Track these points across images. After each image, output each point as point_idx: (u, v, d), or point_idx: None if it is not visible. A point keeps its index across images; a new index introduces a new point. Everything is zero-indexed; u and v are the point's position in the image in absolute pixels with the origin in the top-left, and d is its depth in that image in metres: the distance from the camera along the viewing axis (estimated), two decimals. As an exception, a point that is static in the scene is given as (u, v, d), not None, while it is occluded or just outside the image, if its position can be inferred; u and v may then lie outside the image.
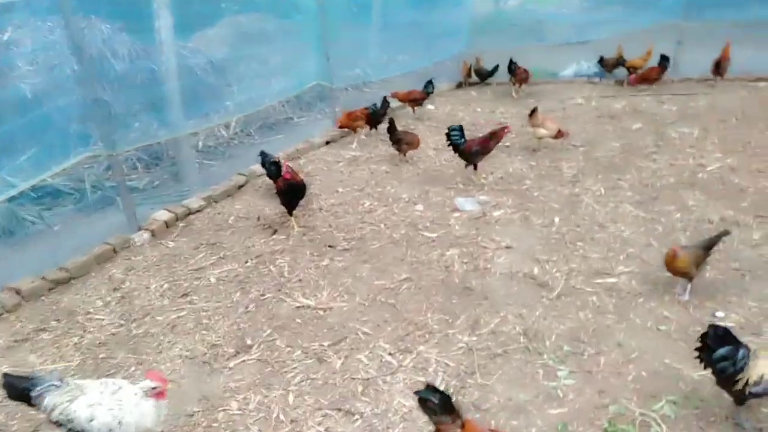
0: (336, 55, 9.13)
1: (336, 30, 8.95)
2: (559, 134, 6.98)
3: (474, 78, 10.85)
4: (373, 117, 7.92)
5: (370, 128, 8.06)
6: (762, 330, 3.73)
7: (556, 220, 5.38)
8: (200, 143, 7.92)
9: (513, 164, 6.86)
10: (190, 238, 5.50)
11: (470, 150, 6.20)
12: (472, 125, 8.48)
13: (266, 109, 8.66)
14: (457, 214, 5.64)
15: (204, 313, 4.34)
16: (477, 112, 9.15)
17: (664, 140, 7.29)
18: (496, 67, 10.32)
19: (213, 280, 4.78)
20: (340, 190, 6.42)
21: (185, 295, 4.59)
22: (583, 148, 7.23)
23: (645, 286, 4.27)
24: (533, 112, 7.06)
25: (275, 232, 5.52)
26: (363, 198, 6.16)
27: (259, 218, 5.82)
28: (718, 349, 2.86)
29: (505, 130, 6.29)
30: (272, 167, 5.56)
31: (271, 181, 5.87)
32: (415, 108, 8.97)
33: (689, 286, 4.06)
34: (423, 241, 5.18)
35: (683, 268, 3.94)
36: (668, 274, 4.12)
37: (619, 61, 10.20)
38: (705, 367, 2.99)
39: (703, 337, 2.95)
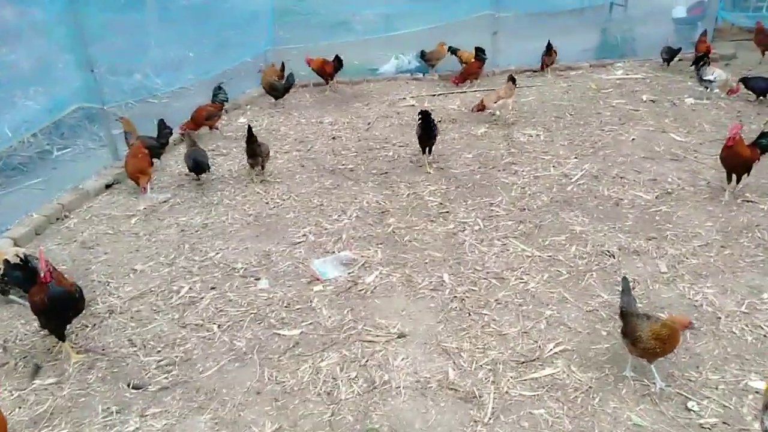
0: (106, 61, 6.84)
1: (99, 25, 6.65)
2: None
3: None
4: (151, 150, 5.86)
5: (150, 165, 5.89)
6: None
7: (446, 277, 4.20)
8: None
9: (366, 195, 5.54)
10: None
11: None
12: (300, 143, 6.97)
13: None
14: (318, 288, 4.13)
15: None
16: (302, 124, 7.62)
17: (515, 146, 6.62)
18: (291, 78, 8.25)
19: None
20: (139, 268, 4.45)
21: None
22: (437, 165, 6.21)
23: (590, 373, 3.29)
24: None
25: (37, 371, 3.41)
26: (177, 278, 4.31)
27: (4, 349, 3.61)
28: None
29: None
30: (15, 272, 3.39)
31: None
32: (214, 126, 7.07)
33: (653, 368, 3.15)
34: (281, 347, 3.59)
35: (648, 349, 3.02)
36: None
37: (452, 50, 9.43)
38: None
39: None
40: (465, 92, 8.79)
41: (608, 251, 4.44)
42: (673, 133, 6.82)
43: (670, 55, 9.68)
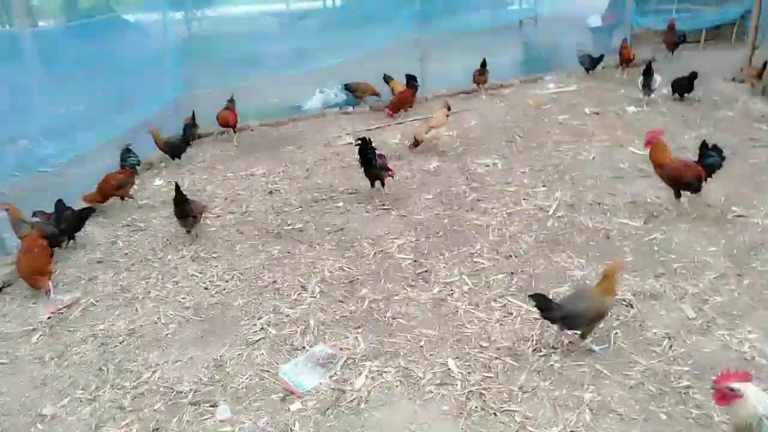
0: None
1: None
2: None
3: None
4: (51, 239, 4.71)
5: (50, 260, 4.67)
6: None
7: (451, 364, 3.42)
8: None
9: (325, 261, 4.68)
10: None
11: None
12: (233, 203, 6.01)
13: None
14: (296, 405, 3.21)
15: None
16: (230, 179, 6.64)
17: (474, 179, 6.03)
18: (187, 135, 7.09)
19: None
20: (49, 412, 3.31)
21: None
22: (396, 211, 5.46)
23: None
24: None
25: None
26: (105, 421, 3.22)
27: None
28: None
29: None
30: None
31: None
32: (127, 195, 5.95)
33: None
34: None
35: None
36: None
37: (386, 80, 8.80)
38: None
39: None
40: (403, 122, 8.19)
41: (623, 300, 3.84)
42: (631, 146, 6.51)
43: (591, 63, 9.64)
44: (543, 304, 3.31)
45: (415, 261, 4.59)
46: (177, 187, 4.99)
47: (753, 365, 3.19)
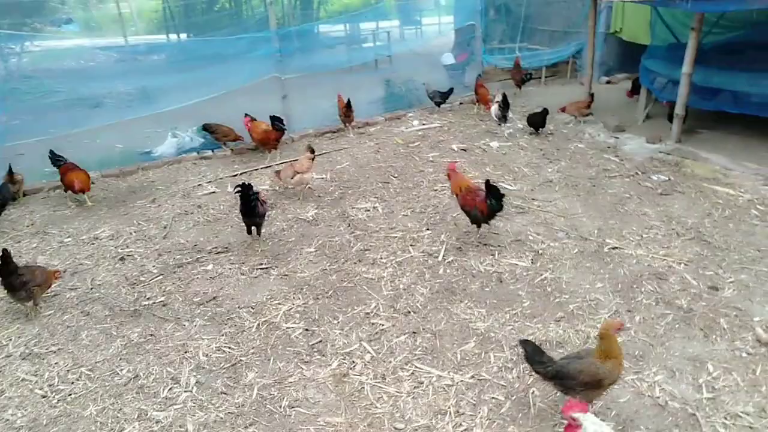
0: None
1: None
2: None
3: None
4: None
5: None
6: None
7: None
8: None
9: (199, 342, 3.96)
10: None
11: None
12: (74, 275, 4.99)
13: None
14: None
15: None
16: (69, 245, 5.56)
17: (357, 226, 5.67)
18: (4, 189, 6.25)
19: None
20: None
21: None
22: (277, 270, 4.89)
23: None
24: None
25: None
26: None
27: None
28: None
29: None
30: None
31: None
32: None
33: None
34: None
35: None
36: None
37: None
38: None
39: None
40: (270, 167, 7.63)
41: (531, 351, 3.68)
42: (503, 182, 6.63)
43: (442, 97, 9.91)
44: (534, 355, 3.01)
45: (307, 330, 4.07)
46: (4, 255, 4.02)
47: (669, 411, 3.15)
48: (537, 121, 8.34)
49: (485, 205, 4.87)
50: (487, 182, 4.86)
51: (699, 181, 6.27)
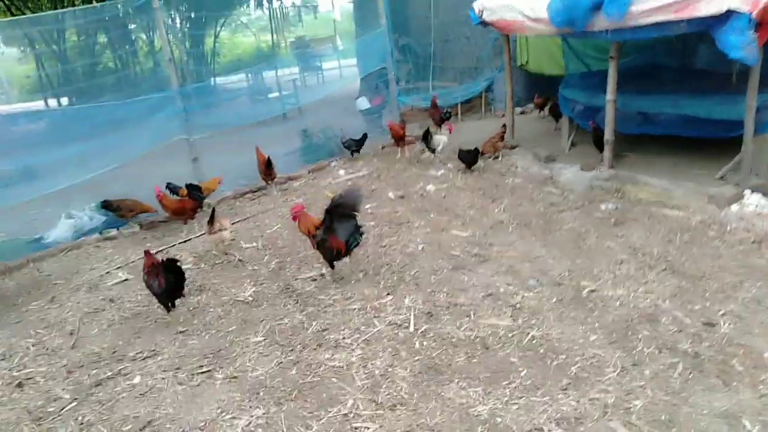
0: None
1: None
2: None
3: None
4: None
5: None
6: None
7: None
8: None
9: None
10: None
11: None
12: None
13: None
14: None
15: None
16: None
17: (308, 301, 4.96)
18: None
19: None
20: None
21: None
22: (222, 372, 4.06)
23: None
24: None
25: None
26: None
27: None
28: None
29: None
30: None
31: None
32: None
33: None
34: None
35: None
36: None
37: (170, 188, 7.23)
38: None
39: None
40: (189, 239, 6.74)
41: (550, 436, 3.15)
42: (453, 230, 6.21)
43: (357, 145, 9.53)
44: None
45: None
46: None
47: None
48: (468, 159, 8.13)
49: (343, 243, 4.92)
50: (327, 210, 4.89)
51: (646, 206, 6.20)
